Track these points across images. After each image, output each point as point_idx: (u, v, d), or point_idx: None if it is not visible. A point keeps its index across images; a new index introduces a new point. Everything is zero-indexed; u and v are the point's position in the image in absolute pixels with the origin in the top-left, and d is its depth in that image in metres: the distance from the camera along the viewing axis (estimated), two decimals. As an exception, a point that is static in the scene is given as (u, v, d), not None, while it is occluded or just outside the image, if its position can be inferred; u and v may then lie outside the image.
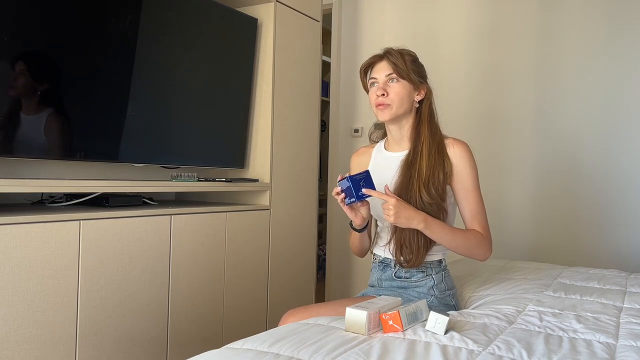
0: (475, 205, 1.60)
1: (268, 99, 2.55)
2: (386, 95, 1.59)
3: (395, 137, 1.68)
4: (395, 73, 1.59)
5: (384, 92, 1.59)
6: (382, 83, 1.60)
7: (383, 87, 1.59)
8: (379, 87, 1.60)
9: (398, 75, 1.59)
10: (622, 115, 2.66)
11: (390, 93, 1.59)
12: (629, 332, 1.30)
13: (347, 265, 3.44)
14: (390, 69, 1.59)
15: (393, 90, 1.59)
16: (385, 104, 1.59)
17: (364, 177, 1.51)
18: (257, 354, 1.09)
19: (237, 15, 2.47)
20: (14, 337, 1.53)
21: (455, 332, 1.23)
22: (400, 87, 1.59)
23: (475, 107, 3.00)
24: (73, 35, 1.83)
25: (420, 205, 1.53)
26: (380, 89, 1.59)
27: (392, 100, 1.59)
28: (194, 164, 2.38)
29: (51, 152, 1.82)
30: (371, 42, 3.35)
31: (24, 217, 1.56)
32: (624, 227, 2.65)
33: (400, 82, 1.59)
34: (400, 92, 1.59)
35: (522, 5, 2.89)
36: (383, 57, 1.63)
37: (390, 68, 1.60)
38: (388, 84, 1.60)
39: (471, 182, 1.60)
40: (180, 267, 2.04)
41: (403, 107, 1.60)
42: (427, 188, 1.54)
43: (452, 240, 1.54)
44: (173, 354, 2.01)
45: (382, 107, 1.59)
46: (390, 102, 1.59)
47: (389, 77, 1.60)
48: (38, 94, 1.75)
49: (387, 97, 1.59)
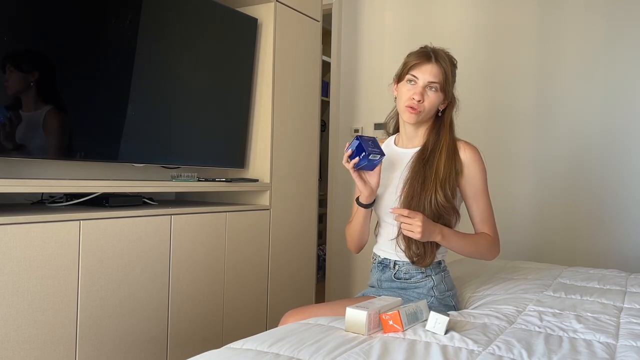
0: (484, 208, 1.61)
1: (268, 99, 2.55)
2: (422, 102, 1.56)
3: (409, 135, 1.68)
4: (439, 84, 1.57)
5: (422, 98, 1.56)
6: (421, 87, 1.57)
7: (421, 93, 1.56)
8: (417, 91, 1.56)
9: (440, 87, 1.57)
10: (623, 116, 2.66)
11: (425, 101, 1.57)
12: (629, 332, 1.30)
13: (347, 265, 3.43)
14: (436, 79, 1.56)
15: (429, 99, 1.57)
16: (418, 110, 1.57)
17: (373, 139, 1.52)
18: (257, 354, 1.09)
19: (237, 15, 2.47)
20: (14, 337, 1.53)
21: (455, 332, 1.23)
22: (436, 98, 1.58)
23: (475, 107, 3.00)
24: (73, 35, 1.83)
25: (434, 205, 1.53)
26: (418, 93, 1.56)
27: (424, 108, 1.57)
28: (194, 164, 2.38)
29: (51, 152, 1.82)
30: (371, 42, 3.35)
31: (24, 217, 1.56)
32: (624, 227, 2.65)
33: (438, 93, 1.58)
34: (434, 103, 1.58)
35: (522, 6, 2.89)
36: (431, 59, 1.58)
37: (436, 77, 1.56)
38: (426, 90, 1.57)
39: (481, 185, 1.61)
40: (180, 267, 2.04)
41: (430, 114, 1.61)
42: (444, 189, 1.54)
43: (465, 247, 1.57)
44: (173, 354, 2.01)
45: (413, 111, 1.57)
46: (422, 110, 1.57)
47: (430, 84, 1.57)
48: (38, 93, 1.75)
49: (422, 104, 1.57)
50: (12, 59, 1.68)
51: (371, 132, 3.31)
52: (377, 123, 3.28)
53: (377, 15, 3.33)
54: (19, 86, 1.70)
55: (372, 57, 3.34)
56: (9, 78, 1.67)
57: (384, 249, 1.67)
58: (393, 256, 1.64)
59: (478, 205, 1.61)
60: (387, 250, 1.66)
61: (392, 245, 1.62)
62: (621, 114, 2.66)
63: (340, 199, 3.44)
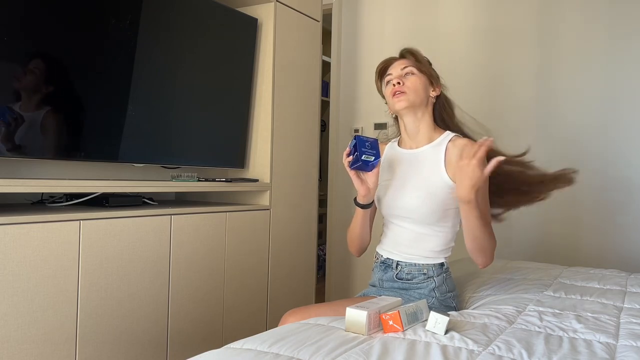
0: (484, 209, 1.59)
1: (268, 99, 2.55)
2: (402, 84, 1.59)
3: (410, 132, 1.66)
4: (412, 66, 1.60)
5: (400, 81, 1.59)
6: (397, 77, 1.61)
7: (399, 78, 1.60)
8: (394, 77, 1.61)
9: (415, 68, 1.60)
10: (623, 115, 2.66)
11: (406, 82, 1.60)
12: (629, 332, 1.30)
13: (347, 265, 3.44)
14: (406, 63, 1.61)
15: (409, 79, 1.60)
16: (401, 91, 1.58)
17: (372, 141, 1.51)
18: (257, 354, 1.09)
19: (237, 15, 2.47)
20: (14, 337, 1.53)
21: (456, 332, 1.23)
22: (416, 79, 1.60)
23: (475, 107, 2.99)
24: (73, 35, 1.83)
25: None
26: (396, 78, 1.60)
27: (407, 88, 1.59)
28: (194, 164, 2.38)
29: (51, 152, 1.82)
30: (371, 42, 3.35)
31: (24, 217, 1.56)
32: (624, 227, 2.65)
33: (416, 75, 1.60)
34: (416, 82, 1.60)
35: (521, 6, 2.89)
36: (398, 57, 1.65)
37: (405, 62, 1.61)
38: (404, 77, 1.61)
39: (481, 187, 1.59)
40: (180, 267, 2.04)
41: (419, 97, 1.60)
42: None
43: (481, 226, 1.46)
44: (173, 354, 2.01)
45: (398, 95, 1.59)
46: (406, 90, 1.58)
47: (405, 71, 1.61)
48: (38, 94, 1.75)
49: (402, 86, 1.59)
50: (13, 59, 1.68)
51: (371, 132, 3.31)
52: (377, 123, 3.28)
53: (377, 15, 3.33)
54: (19, 86, 1.70)
55: (372, 57, 3.34)
56: (9, 78, 1.67)
57: (387, 248, 1.67)
58: (396, 256, 1.64)
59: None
60: (390, 250, 1.66)
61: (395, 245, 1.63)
62: (620, 113, 2.66)
63: (340, 199, 3.44)
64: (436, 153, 1.61)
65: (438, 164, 1.59)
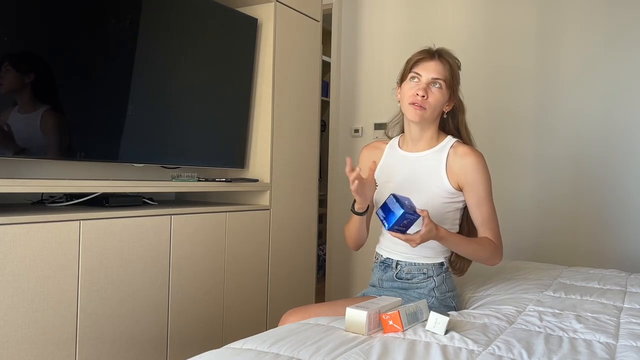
0: (487, 213, 1.60)
1: (268, 99, 2.55)
2: (426, 98, 1.54)
3: (414, 137, 1.65)
4: (444, 81, 1.55)
5: (425, 94, 1.54)
6: (424, 84, 1.55)
7: (425, 89, 1.54)
8: (420, 87, 1.54)
9: (445, 82, 1.55)
10: (624, 116, 2.66)
11: (430, 97, 1.55)
12: (629, 332, 1.30)
13: (347, 265, 3.43)
14: (440, 74, 1.55)
15: (434, 96, 1.55)
16: (423, 107, 1.54)
17: (407, 203, 1.41)
18: (257, 354, 1.09)
19: (237, 15, 2.47)
20: (14, 337, 1.53)
21: (455, 332, 1.23)
22: (441, 95, 1.56)
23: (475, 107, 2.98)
24: (73, 35, 1.83)
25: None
26: (422, 89, 1.54)
27: (429, 105, 1.55)
28: (194, 164, 2.38)
29: (51, 152, 1.82)
30: (371, 42, 3.35)
31: (24, 217, 1.56)
32: (624, 227, 2.65)
33: (442, 90, 1.56)
34: (439, 100, 1.56)
35: (522, 6, 2.89)
36: (434, 57, 1.58)
37: (440, 74, 1.55)
38: (430, 87, 1.55)
39: (484, 191, 1.58)
40: (180, 267, 2.04)
41: (435, 114, 1.59)
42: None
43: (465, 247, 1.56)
44: (173, 354, 2.01)
45: (417, 107, 1.54)
46: (427, 107, 1.55)
47: (434, 81, 1.55)
48: (38, 93, 1.75)
49: (426, 100, 1.54)
50: (13, 59, 1.68)
51: (371, 132, 3.31)
52: (377, 123, 3.28)
53: (377, 15, 3.33)
54: (19, 86, 1.70)
55: (372, 57, 3.34)
56: (8, 78, 1.67)
57: (386, 248, 1.67)
58: (395, 256, 1.64)
59: (481, 211, 1.59)
60: (389, 250, 1.66)
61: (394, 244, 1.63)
62: (622, 114, 2.66)
63: (340, 199, 3.44)
64: (438, 158, 1.61)
65: (439, 169, 1.59)
